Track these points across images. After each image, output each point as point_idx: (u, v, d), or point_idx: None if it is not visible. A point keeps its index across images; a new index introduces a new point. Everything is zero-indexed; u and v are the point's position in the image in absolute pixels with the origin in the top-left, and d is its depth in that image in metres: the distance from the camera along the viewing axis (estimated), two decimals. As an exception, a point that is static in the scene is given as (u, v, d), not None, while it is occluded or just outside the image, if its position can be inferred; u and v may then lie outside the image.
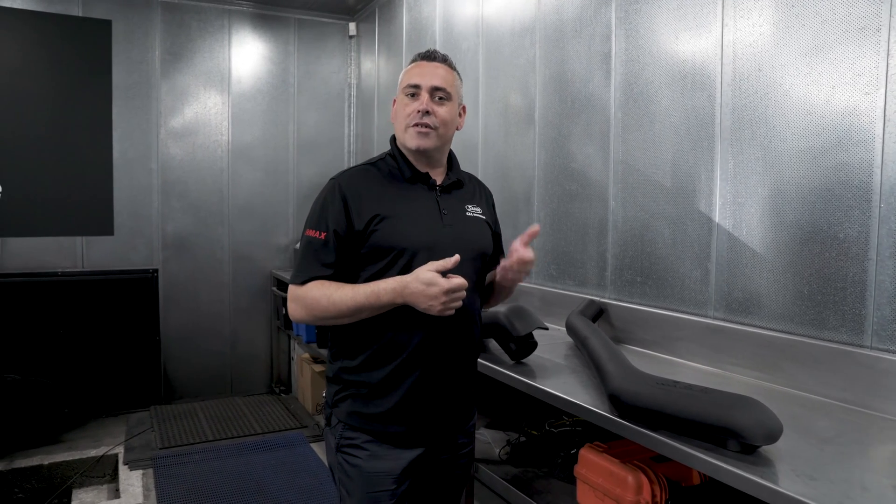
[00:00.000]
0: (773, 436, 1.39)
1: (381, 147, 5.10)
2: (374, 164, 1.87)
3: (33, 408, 4.37)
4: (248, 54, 5.40)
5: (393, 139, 1.91)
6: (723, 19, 2.19)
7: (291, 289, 1.76)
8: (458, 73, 1.90)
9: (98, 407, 4.90)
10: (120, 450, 4.22)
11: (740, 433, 1.39)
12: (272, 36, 5.48)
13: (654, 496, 1.74)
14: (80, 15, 4.77)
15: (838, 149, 1.83)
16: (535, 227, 1.77)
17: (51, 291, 4.75)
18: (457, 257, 1.59)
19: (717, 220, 2.22)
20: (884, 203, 1.73)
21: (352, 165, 1.89)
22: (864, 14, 1.76)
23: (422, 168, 1.85)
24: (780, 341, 1.98)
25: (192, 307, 5.32)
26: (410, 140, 1.80)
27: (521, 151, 3.27)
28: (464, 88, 1.94)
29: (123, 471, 3.92)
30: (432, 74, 1.82)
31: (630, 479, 1.75)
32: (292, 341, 5.42)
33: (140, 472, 3.90)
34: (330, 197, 1.76)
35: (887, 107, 1.71)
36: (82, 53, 4.81)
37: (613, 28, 2.64)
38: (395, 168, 1.85)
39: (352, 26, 5.68)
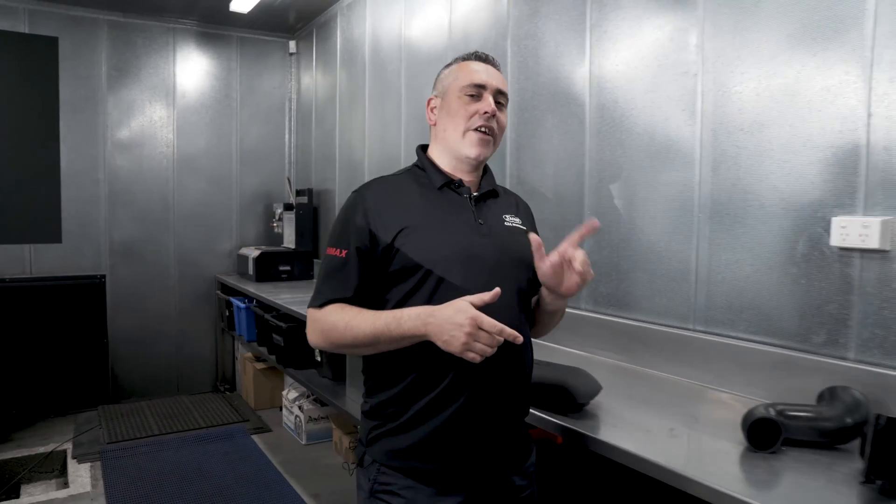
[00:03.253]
0: (592, 394, 1.80)
1: (318, 158, 5.44)
2: (397, 176, 1.68)
3: (-19, 409, 4.51)
4: (192, 70, 5.67)
5: (422, 149, 1.71)
6: (590, 58, 2.61)
7: (309, 312, 1.56)
8: None
9: (47, 407, 5.07)
10: (69, 446, 4.43)
11: (571, 391, 1.79)
12: (216, 53, 5.75)
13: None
14: (27, 32, 4.97)
15: (671, 168, 2.27)
16: (593, 221, 1.47)
17: (-1, 297, 4.92)
18: (497, 290, 1.35)
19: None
20: (701, 213, 2.17)
21: (375, 177, 1.69)
22: (686, 60, 2.20)
23: (455, 175, 1.64)
24: (633, 328, 2.41)
25: (140, 310, 5.53)
26: (469, 147, 1.58)
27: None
28: (391, 105, 2.00)
29: (72, 464, 4.15)
30: (495, 76, 1.63)
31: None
32: (236, 342, 5.69)
33: (88, 464, 4.13)
34: (352, 211, 1.56)
35: (702, 134, 2.15)
36: (29, 69, 4.99)
37: (509, 59, 3.04)
38: (423, 177, 1.64)
39: (291, 44, 6.01)
